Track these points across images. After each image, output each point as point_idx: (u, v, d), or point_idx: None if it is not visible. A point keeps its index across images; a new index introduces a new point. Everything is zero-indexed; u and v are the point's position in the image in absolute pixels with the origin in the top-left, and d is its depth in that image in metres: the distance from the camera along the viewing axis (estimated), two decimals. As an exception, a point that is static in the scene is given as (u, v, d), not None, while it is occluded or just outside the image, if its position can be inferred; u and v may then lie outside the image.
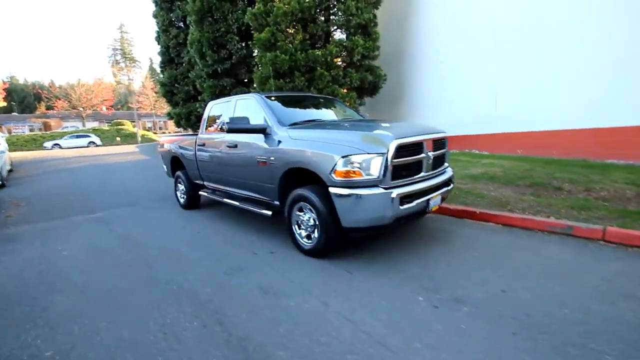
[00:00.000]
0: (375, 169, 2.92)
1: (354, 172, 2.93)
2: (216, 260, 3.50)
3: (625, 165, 5.59)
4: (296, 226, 3.52)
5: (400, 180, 3.06)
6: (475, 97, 7.90)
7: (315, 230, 3.32)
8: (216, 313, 2.47)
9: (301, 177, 3.57)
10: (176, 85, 14.56)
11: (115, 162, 13.98)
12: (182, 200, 6.02)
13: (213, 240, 4.15)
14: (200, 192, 5.40)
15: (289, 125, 3.74)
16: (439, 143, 3.54)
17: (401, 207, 3.01)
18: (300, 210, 3.44)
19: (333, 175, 3.00)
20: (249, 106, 4.31)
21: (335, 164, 2.97)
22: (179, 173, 5.96)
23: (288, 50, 8.21)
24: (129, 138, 33.52)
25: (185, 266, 3.40)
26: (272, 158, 3.62)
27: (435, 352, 1.94)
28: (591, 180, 4.77)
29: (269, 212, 3.85)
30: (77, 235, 4.77)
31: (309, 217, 3.33)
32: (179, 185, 6.06)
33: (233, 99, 4.63)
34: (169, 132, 56.16)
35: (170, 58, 14.71)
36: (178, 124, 14.88)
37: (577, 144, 6.36)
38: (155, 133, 42.12)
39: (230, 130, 3.78)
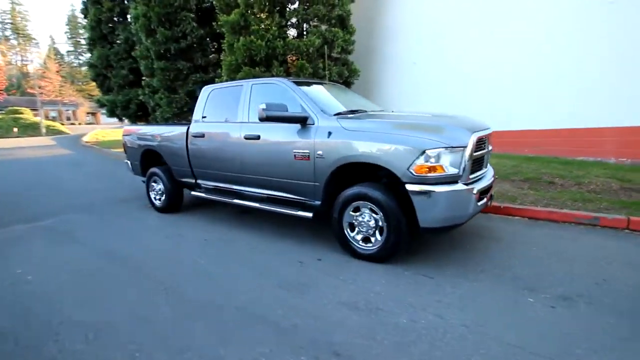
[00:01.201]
0: (457, 163, 2.70)
1: (435, 167, 2.68)
2: (258, 274, 2.93)
3: (595, 162, 6.34)
4: (349, 229, 3.14)
5: (472, 176, 2.90)
6: (449, 99, 8.28)
7: (377, 233, 2.99)
8: (318, 342, 1.99)
9: (352, 175, 3.20)
10: (110, 67, 12.45)
11: (37, 157, 11.54)
12: (158, 203, 5.07)
13: (234, 249, 3.51)
14: (192, 193, 4.58)
15: (335, 114, 3.32)
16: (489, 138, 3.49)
17: (478, 204, 2.87)
18: (356, 210, 3.07)
19: (412, 170, 2.70)
20: (271, 92, 3.73)
21: (416, 159, 2.67)
22: (155, 170, 5.00)
23: (265, 36, 7.54)
24: (30, 129, 28.10)
25: (222, 284, 2.77)
26: (319, 152, 3.15)
27: (606, 355, 1.81)
28: (577, 175, 5.28)
29: (309, 214, 3.38)
30: (34, 251, 3.65)
31: (369, 218, 2.98)
32: (153, 184, 5.09)
33: (245, 83, 3.98)
34: (79, 123, 48.66)
35: (102, 35, 12.47)
36: (112, 114, 12.75)
37: (543, 143, 7.07)
38: (62, 124, 36.11)
39: (268, 119, 3.20)
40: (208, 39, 9.84)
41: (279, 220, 4.34)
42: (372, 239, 3.01)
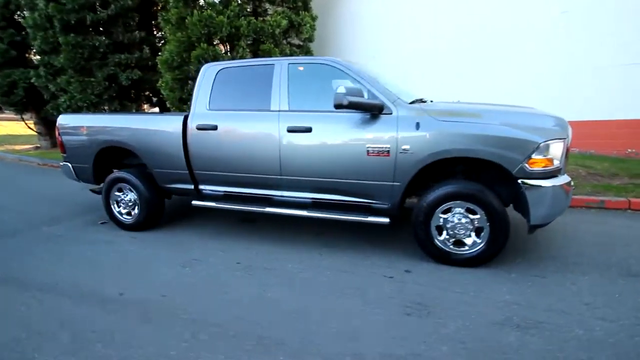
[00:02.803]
0: (560, 155, 2.59)
1: (547, 160, 2.51)
2: (359, 302, 2.35)
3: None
4: (436, 231, 2.78)
5: (559, 169, 2.85)
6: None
7: (472, 234, 2.70)
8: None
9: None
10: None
11: None
12: (128, 218, 3.84)
13: (287, 271, 2.81)
14: (195, 203, 3.54)
15: (411, 103, 2.89)
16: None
17: (569, 197, 2.83)
18: (446, 211, 2.73)
19: (526, 165, 2.48)
20: (317, 75, 3.09)
21: (532, 152, 2.46)
22: (122, 175, 3.75)
23: (225, 12, 6.43)
24: None
25: (325, 323, 2.12)
26: (405, 147, 2.68)
27: None
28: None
29: (386, 220, 2.89)
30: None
31: (465, 219, 2.67)
32: (118, 194, 3.82)
33: (276, 62, 3.17)
34: None
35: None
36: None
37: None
38: None
39: (349, 106, 2.56)
40: (136, 11, 7.95)
41: (299, 227, 3.70)
42: (468, 242, 2.72)
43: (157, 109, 10.68)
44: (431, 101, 3.41)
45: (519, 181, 2.52)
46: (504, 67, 7.33)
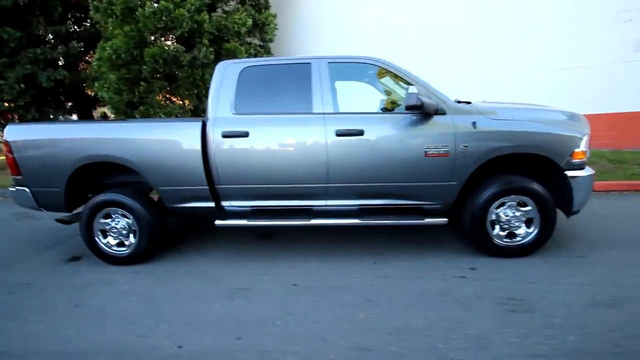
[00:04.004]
0: (588, 148, 2.92)
1: (584, 152, 2.81)
2: (461, 307, 2.29)
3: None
4: (490, 226, 2.87)
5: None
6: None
7: (523, 226, 2.86)
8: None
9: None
10: None
11: None
12: (121, 250, 3.15)
13: (355, 287, 2.60)
14: (219, 223, 3.02)
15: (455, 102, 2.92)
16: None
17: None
18: (499, 206, 2.84)
19: (571, 157, 2.73)
20: (357, 75, 2.94)
21: (576, 146, 2.72)
22: (113, 197, 3.05)
23: (184, 5, 5.69)
24: None
25: (441, 335, 2.02)
26: (464, 145, 2.70)
27: None
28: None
29: (444, 219, 2.87)
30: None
31: (518, 212, 2.82)
32: (105, 221, 3.10)
33: (313, 60, 2.89)
34: None
35: None
36: None
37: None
38: None
39: (417, 108, 2.45)
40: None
41: (326, 238, 3.50)
42: (520, 233, 2.87)
43: (75, 116, 9.01)
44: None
45: (566, 173, 2.76)
46: (458, 66, 7.90)
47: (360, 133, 2.77)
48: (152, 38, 5.83)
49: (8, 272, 3.17)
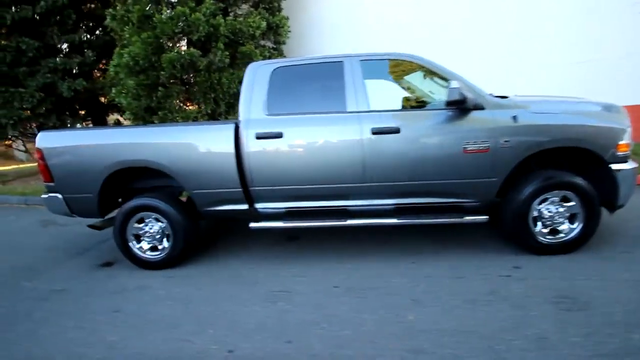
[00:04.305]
0: (630, 140, 2.83)
1: (626, 145, 2.72)
2: (513, 306, 2.22)
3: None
4: (532, 223, 2.79)
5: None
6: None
7: (567, 222, 2.77)
8: None
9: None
10: None
11: None
12: (153, 254, 3.13)
13: (404, 288, 2.54)
14: (254, 226, 2.99)
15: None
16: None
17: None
18: (541, 202, 2.76)
19: (616, 150, 2.64)
20: (390, 72, 2.88)
21: (622, 138, 2.64)
22: (146, 202, 3.04)
23: (201, 9, 5.71)
24: None
25: (500, 338, 1.95)
26: (504, 140, 2.63)
27: None
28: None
29: (485, 217, 2.80)
30: None
31: (561, 208, 2.74)
32: (139, 226, 3.08)
33: (345, 59, 2.85)
34: None
35: None
36: None
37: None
38: None
39: (456, 103, 2.40)
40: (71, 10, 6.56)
41: (355, 238, 3.44)
42: (563, 229, 2.79)
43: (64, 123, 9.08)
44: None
45: (611, 166, 2.67)
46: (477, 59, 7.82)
47: (397, 131, 2.72)
48: (170, 44, 5.84)
49: (40, 279, 3.17)
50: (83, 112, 8.48)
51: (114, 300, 2.67)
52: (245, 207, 3.01)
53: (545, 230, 2.80)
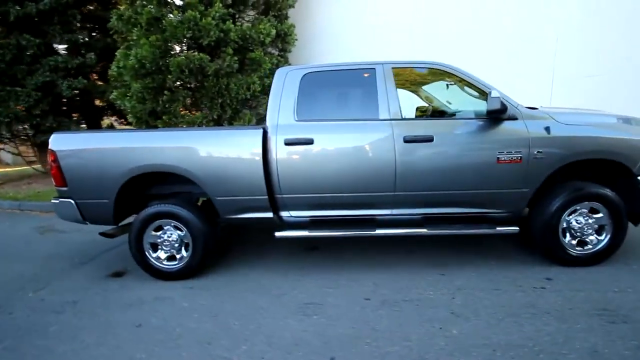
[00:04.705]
0: (656, 153, 2.88)
1: (653, 157, 2.77)
2: (557, 320, 2.18)
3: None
4: (561, 235, 2.78)
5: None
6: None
7: (595, 234, 2.78)
8: None
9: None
10: None
11: None
12: (173, 264, 2.98)
13: (439, 300, 2.48)
14: (280, 235, 2.88)
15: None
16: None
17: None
18: (570, 213, 2.76)
19: (643, 162, 2.69)
20: (423, 79, 2.86)
21: (651, 150, 2.68)
22: (165, 208, 2.90)
23: (210, 13, 5.63)
24: None
25: (548, 353, 1.91)
26: (538, 151, 2.64)
27: None
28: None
29: (515, 228, 2.78)
30: None
31: (589, 220, 2.75)
32: (157, 234, 2.94)
33: (377, 65, 2.81)
34: None
35: None
36: None
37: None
38: None
39: (495, 112, 2.39)
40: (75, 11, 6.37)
41: (377, 248, 3.38)
42: (591, 240, 2.79)
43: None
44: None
45: (638, 178, 2.71)
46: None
47: (430, 139, 2.69)
48: (178, 49, 5.74)
49: (47, 289, 2.98)
50: (76, 116, 8.22)
51: (134, 313, 2.52)
52: (269, 215, 2.91)
53: (573, 242, 2.80)
